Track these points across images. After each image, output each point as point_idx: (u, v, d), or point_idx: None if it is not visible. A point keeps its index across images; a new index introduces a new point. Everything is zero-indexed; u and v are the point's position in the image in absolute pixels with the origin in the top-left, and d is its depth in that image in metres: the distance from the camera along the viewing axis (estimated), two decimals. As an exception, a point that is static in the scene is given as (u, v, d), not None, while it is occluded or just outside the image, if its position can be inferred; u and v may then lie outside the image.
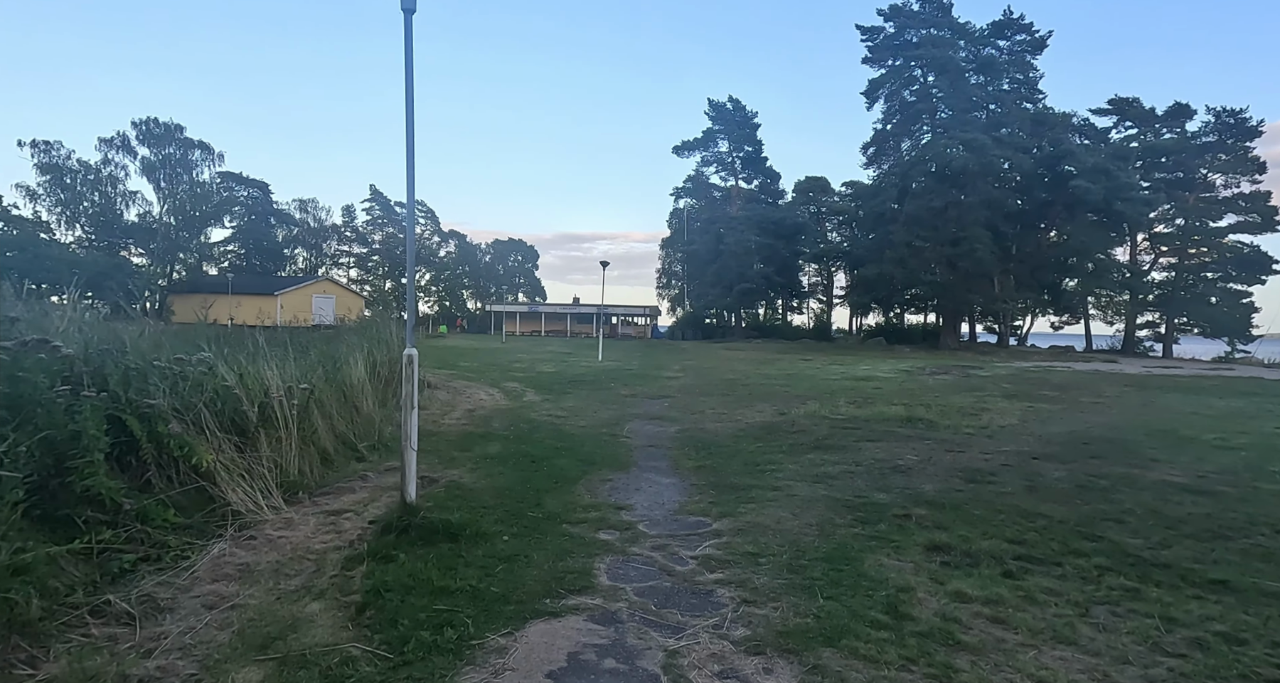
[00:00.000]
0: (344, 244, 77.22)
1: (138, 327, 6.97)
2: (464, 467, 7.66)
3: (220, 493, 5.28)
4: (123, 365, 5.22)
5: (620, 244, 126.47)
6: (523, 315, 68.18)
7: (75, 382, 4.44)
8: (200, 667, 3.17)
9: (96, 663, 3.08)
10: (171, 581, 4.08)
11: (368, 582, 4.21)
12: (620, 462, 8.30)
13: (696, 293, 60.61)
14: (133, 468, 4.85)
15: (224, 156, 61.40)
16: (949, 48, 43.59)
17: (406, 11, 4.85)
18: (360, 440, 8.25)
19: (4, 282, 5.72)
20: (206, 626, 3.58)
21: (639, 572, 4.65)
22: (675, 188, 64.85)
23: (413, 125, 5.09)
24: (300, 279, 60.80)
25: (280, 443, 6.39)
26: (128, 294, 38.60)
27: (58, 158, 53.36)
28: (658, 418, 12.23)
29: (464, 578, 4.30)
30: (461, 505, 5.87)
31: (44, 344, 4.23)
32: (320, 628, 3.64)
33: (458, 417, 11.61)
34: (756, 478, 7.41)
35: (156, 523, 4.50)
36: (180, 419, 5.36)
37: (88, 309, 7.69)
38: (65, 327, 5.55)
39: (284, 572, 4.42)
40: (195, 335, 8.02)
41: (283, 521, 5.41)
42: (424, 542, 4.89)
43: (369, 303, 63.50)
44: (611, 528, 5.59)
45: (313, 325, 29.61)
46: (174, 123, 58.16)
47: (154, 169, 57.45)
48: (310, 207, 73.71)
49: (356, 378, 9.79)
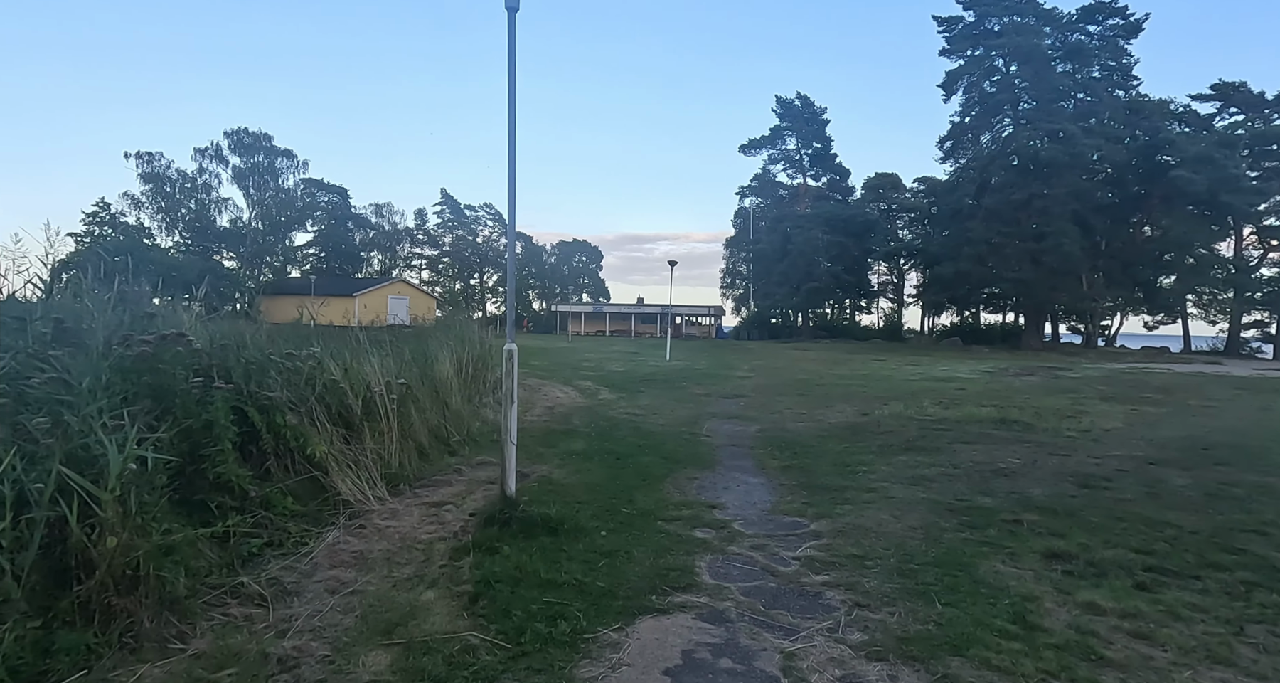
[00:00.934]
0: (416, 246, 79.66)
1: (254, 324, 7.31)
2: (551, 462, 7.75)
3: (331, 483, 5.47)
4: (243, 360, 5.48)
5: (682, 244, 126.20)
6: (587, 315, 68.85)
7: (206, 374, 4.67)
8: (331, 648, 3.28)
9: (238, 641, 3.22)
10: (295, 565, 4.24)
11: (477, 572, 4.28)
12: (704, 460, 8.24)
13: (762, 292, 59.87)
14: (254, 457, 5.07)
15: (308, 164, 64.41)
16: (1033, 35, 41.59)
17: (510, 10, 4.92)
18: (451, 435, 8.45)
19: (134, 283, 6.10)
20: (331, 609, 3.70)
21: (741, 571, 4.57)
22: (740, 187, 64.30)
23: (514, 125, 5.15)
24: (376, 281, 63.06)
25: (382, 436, 6.60)
26: (220, 296, 40.86)
27: (159, 168, 57.09)
28: (735, 417, 12.10)
29: (569, 572, 4.32)
30: (556, 500, 5.92)
31: (180, 338, 4.48)
32: (437, 616, 3.71)
33: (538, 413, 11.78)
34: (848, 479, 7.21)
35: (278, 510, 4.70)
36: (294, 411, 5.59)
37: (185, 309, 8.14)
38: (191, 323, 5.87)
39: (395, 560, 4.54)
40: (289, 334, 8.38)
41: (388, 511, 5.57)
42: (525, 535, 4.94)
43: (441, 303, 65.34)
44: (706, 526, 5.53)
45: (389, 325, 30.64)
46: (262, 132, 61.38)
47: (244, 177, 60.73)
48: (385, 210, 76.36)
49: (445, 374, 10.05)
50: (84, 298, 5.27)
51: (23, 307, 4.96)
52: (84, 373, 3.84)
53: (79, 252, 37.04)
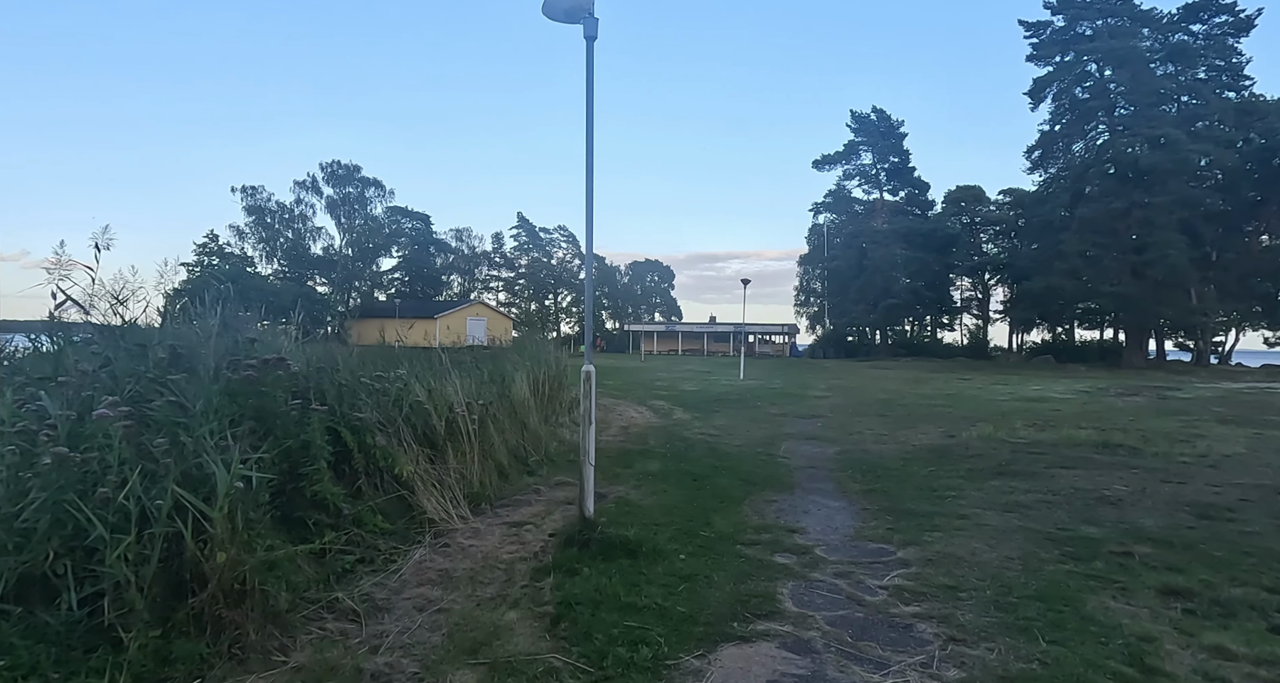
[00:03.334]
0: (493, 269, 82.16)
1: (345, 347, 7.67)
2: (628, 483, 7.75)
3: (417, 502, 5.64)
4: (337, 382, 5.74)
5: (753, 262, 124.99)
6: (660, 334, 69.09)
7: (303, 396, 4.92)
8: (421, 666, 3.35)
9: (334, 655, 3.34)
10: (385, 582, 4.38)
11: (557, 594, 4.30)
12: (782, 482, 8.06)
13: (838, 310, 58.62)
14: (347, 476, 5.29)
15: (394, 193, 67.96)
16: (1130, 37, 39.51)
17: (588, 39, 5.04)
18: (529, 455, 8.59)
19: (239, 309, 6.52)
20: (420, 627, 3.79)
21: (825, 599, 4.42)
22: (814, 203, 63.49)
23: (591, 153, 5.26)
24: (456, 303, 65.33)
25: (464, 456, 6.76)
26: (314, 320, 43.26)
27: (261, 200, 61.42)
28: (813, 438, 11.81)
29: (649, 595, 4.29)
30: (634, 522, 5.91)
31: (281, 362, 4.74)
32: (520, 637, 3.75)
33: (613, 434, 11.84)
34: (936, 504, 6.90)
35: (369, 528, 4.88)
36: (383, 432, 5.81)
37: (282, 333, 8.62)
38: (289, 347, 6.21)
39: (479, 579, 4.62)
40: (376, 356, 8.74)
41: (471, 530, 5.69)
42: (604, 557, 4.94)
43: (517, 324, 66.98)
44: (787, 551, 5.40)
45: (468, 346, 31.47)
46: (353, 164, 65.18)
47: (336, 206, 64.55)
48: (465, 235, 79.21)
49: (522, 395, 10.25)
50: (195, 325, 5.66)
51: (143, 333, 5.37)
52: (197, 396, 4.12)
53: (190, 280, 40.00)
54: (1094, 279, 39.79)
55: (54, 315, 4.81)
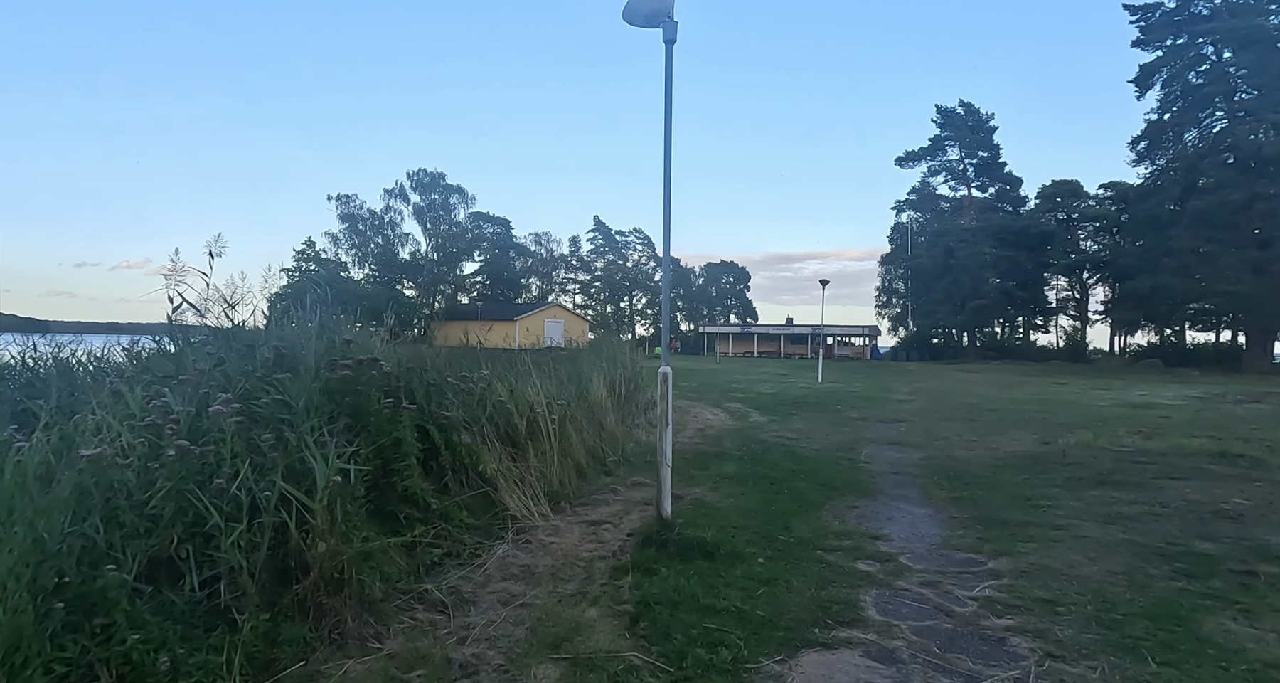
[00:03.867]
0: (570, 272, 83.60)
1: (430, 348, 7.98)
2: (705, 485, 7.73)
3: (500, 499, 5.81)
4: (425, 382, 5.99)
5: (832, 263, 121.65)
6: (735, 336, 68.51)
7: (394, 395, 5.16)
8: (506, 658, 3.45)
9: (425, 645, 3.49)
10: (470, 576, 4.54)
11: (636, 593, 4.34)
12: (864, 488, 7.86)
13: (922, 311, 56.59)
14: (434, 472, 5.51)
15: (476, 198, 70.29)
16: (1255, 15, 36.37)
17: (667, 42, 5.07)
18: (606, 455, 8.70)
19: (334, 312, 6.89)
20: (504, 620, 3.91)
21: (911, 609, 4.29)
22: (897, 201, 61.68)
23: (670, 153, 5.28)
24: (534, 305, 66.85)
25: (544, 455, 6.92)
26: (402, 322, 45.19)
27: (354, 208, 64.81)
28: (896, 443, 11.44)
29: (727, 598, 4.27)
30: (711, 524, 5.89)
31: (374, 363, 4.98)
32: (600, 634, 3.80)
33: (689, 435, 11.83)
34: (1030, 514, 6.56)
35: (455, 523, 5.06)
36: (468, 430, 6.02)
37: (373, 335, 9.04)
38: (380, 348, 6.52)
39: (559, 576, 4.72)
40: (460, 357, 9.03)
41: (551, 527, 5.82)
42: (682, 558, 4.95)
43: (593, 326, 67.89)
44: (870, 558, 5.26)
45: (546, 347, 32.08)
46: (438, 171, 67.88)
47: (422, 213, 67.35)
48: (543, 239, 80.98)
49: (599, 396, 10.39)
50: (295, 327, 6.02)
51: (251, 335, 5.75)
52: (299, 394, 4.38)
53: (290, 285, 42.48)
54: (1209, 277, 36.87)
55: (171, 318, 5.22)
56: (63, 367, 5.36)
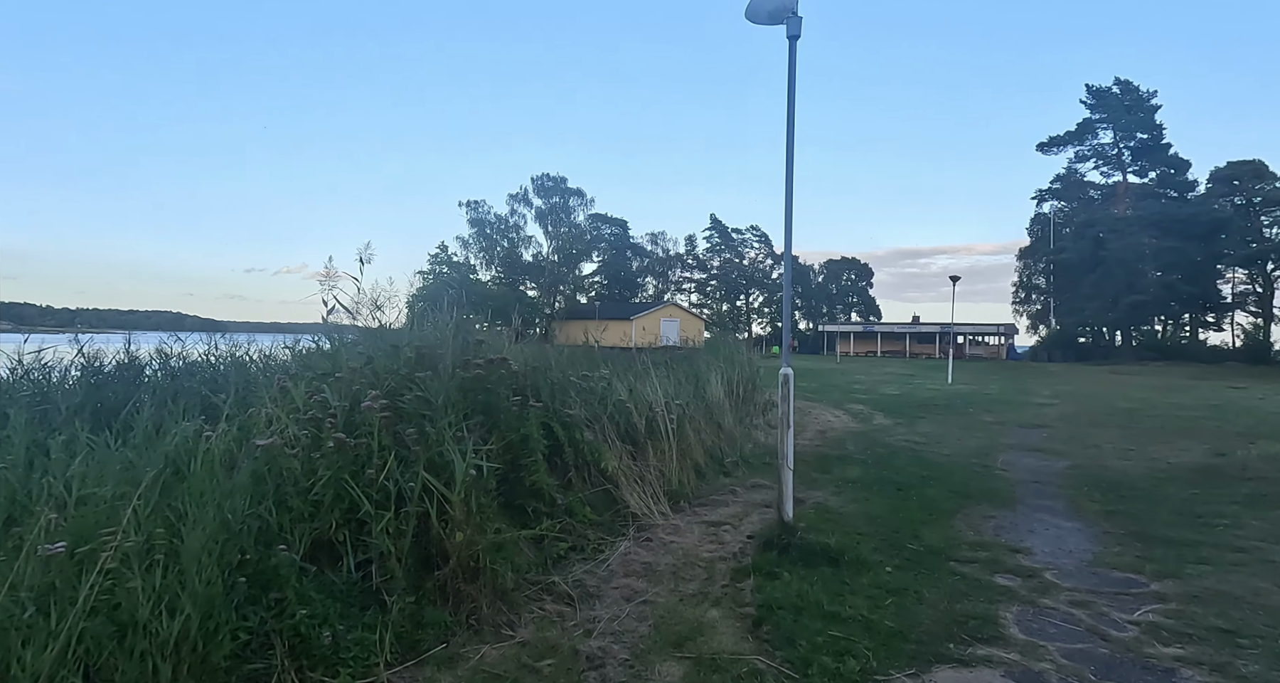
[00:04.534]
0: (686, 271, 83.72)
1: (552, 347, 8.28)
2: (826, 489, 7.52)
3: (621, 496, 5.93)
4: (549, 380, 6.21)
5: (962, 258, 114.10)
6: (856, 335, 66.10)
7: (522, 393, 5.39)
8: (631, 653, 3.53)
9: (553, 635, 3.63)
10: (594, 570, 4.67)
11: (758, 596, 4.29)
12: (1001, 497, 7.36)
13: (1066, 308, 52.19)
14: (558, 468, 5.70)
15: (594, 201, 72.05)
16: None
17: (791, 38, 4.97)
18: (725, 455, 8.66)
19: (465, 313, 7.30)
20: (628, 616, 3.99)
21: (1060, 630, 3.97)
22: (1038, 190, 57.10)
23: (792, 149, 5.18)
24: (650, 305, 67.54)
25: (663, 454, 6.99)
26: (525, 322, 47.09)
27: (482, 213, 68.31)
28: (1038, 450, 10.63)
29: (853, 606, 4.14)
30: (835, 529, 5.72)
31: (504, 362, 5.23)
32: (723, 635, 3.80)
33: (809, 437, 11.55)
34: (1202, 533, 5.90)
35: (579, 518, 5.22)
36: (590, 428, 6.18)
37: (499, 335, 9.46)
38: (508, 348, 6.83)
39: (681, 575, 4.75)
40: (580, 356, 9.27)
41: (671, 526, 5.87)
42: (804, 563, 4.85)
43: (709, 325, 67.73)
44: (1009, 573, 4.92)
45: (662, 347, 32.30)
46: (559, 175, 70.17)
47: (544, 216, 69.90)
48: (659, 238, 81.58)
49: (716, 396, 10.35)
50: (433, 327, 6.42)
51: (395, 335, 6.19)
52: (438, 392, 4.67)
53: (425, 287, 45.37)
54: None
55: (326, 319, 5.71)
56: (238, 364, 6.03)
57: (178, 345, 6.27)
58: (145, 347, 6.15)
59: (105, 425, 3.85)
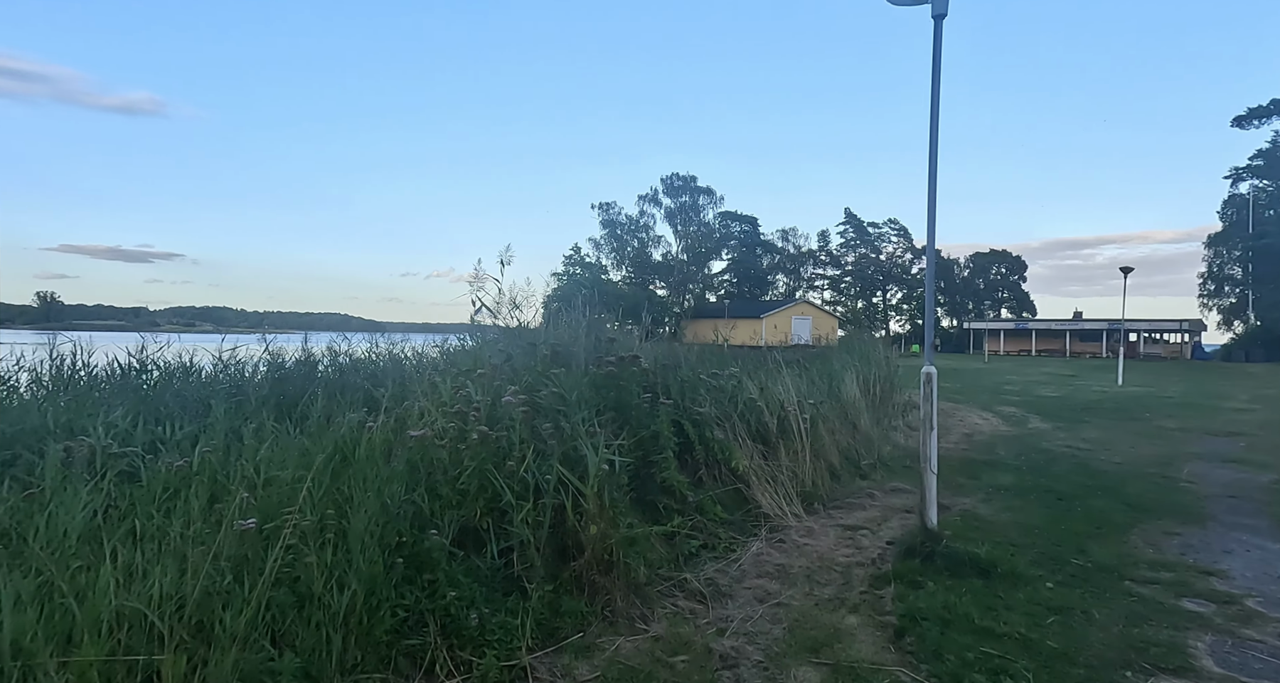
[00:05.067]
0: (819, 267, 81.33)
1: (681, 346, 8.32)
2: (975, 496, 7.02)
3: (752, 496, 5.84)
4: (679, 378, 6.23)
5: (1134, 247, 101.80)
6: (1007, 333, 61.31)
7: (652, 390, 5.45)
8: (764, 655, 3.46)
9: (686, 632, 3.64)
10: (726, 569, 4.62)
11: (900, 605, 4.07)
12: (1187, 512, 6.53)
13: (1268, 301, 45.51)
14: (688, 466, 5.70)
15: (724, 198, 71.75)
16: None
17: (937, 18, 4.67)
18: (861, 457, 8.31)
19: (597, 312, 7.48)
20: (761, 617, 3.92)
21: (1268, 666, 3.47)
22: (1233, 169, 50.27)
23: (936, 135, 4.87)
24: (781, 303, 66.23)
25: (795, 454, 6.81)
26: (654, 321, 47.74)
27: (613, 215, 69.99)
28: (1234, 461, 9.34)
29: (1009, 623, 3.83)
30: (985, 539, 5.33)
31: (634, 360, 5.32)
32: (862, 644, 3.63)
33: (954, 441, 10.83)
34: None
35: (710, 516, 5.19)
36: (719, 426, 6.14)
37: (630, 334, 9.61)
38: (638, 346, 6.93)
39: (815, 579, 4.60)
40: (709, 354, 9.22)
41: (804, 528, 5.71)
42: (951, 573, 4.55)
43: (842, 323, 65.38)
44: (1200, 597, 4.35)
45: (793, 345, 31.58)
46: (688, 175, 70.54)
47: (674, 216, 70.56)
48: (790, 235, 79.87)
49: (851, 395, 9.96)
50: (567, 326, 6.65)
51: (531, 333, 6.47)
52: (572, 388, 4.83)
53: (559, 287, 47.19)
54: None
55: (473, 319, 6.07)
56: (395, 361, 6.55)
57: (344, 344, 6.93)
58: (318, 345, 6.84)
59: (286, 415, 4.32)
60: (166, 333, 6.62)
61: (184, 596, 2.48)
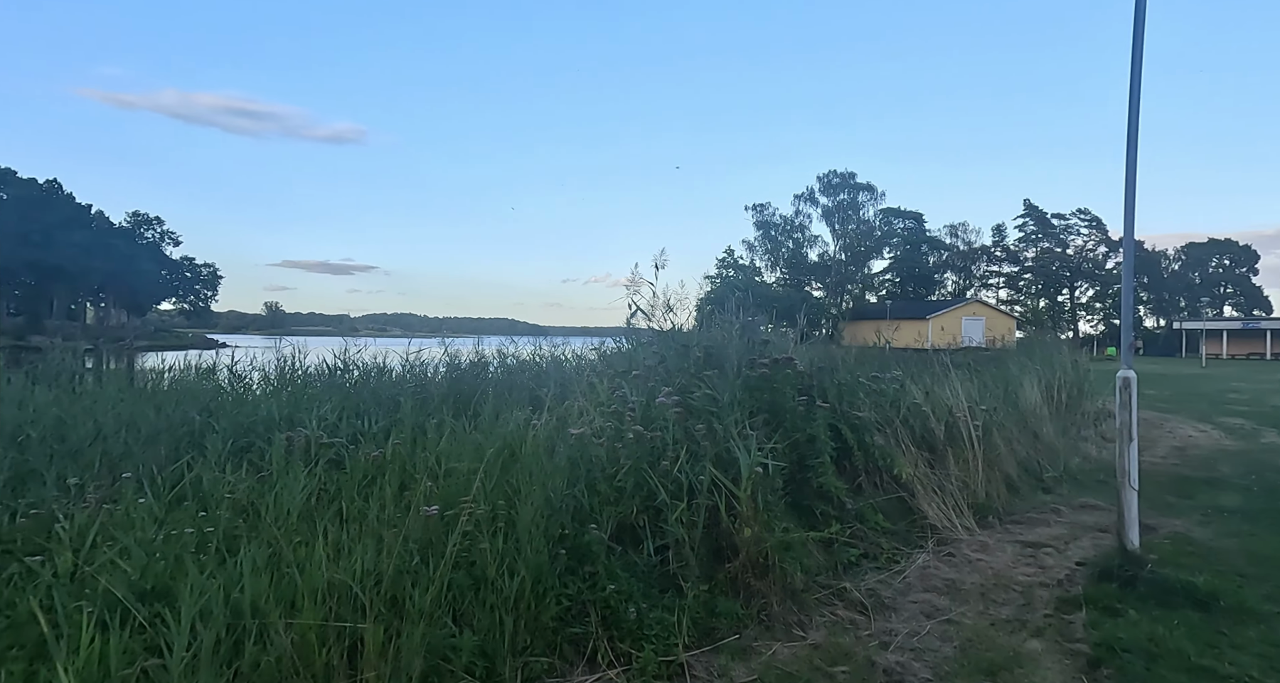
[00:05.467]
0: (993, 264, 75.14)
1: (839, 348, 8.04)
2: (1189, 517, 6.16)
3: (917, 505, 5.51)
4: (836, 381, 6.02)
5: None
6: (1231, 333, 53.21)
7: (807, 393, 5.31)
8: (933, 674, 3.25)
9: (846, 642, 3.50)
10: (888, 581, 4.40)
11: (1094, 633, 3.67)
12: None
13: None
14: (847, 472, 5.49)
15: (885, 195, 68.51)
16: None
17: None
18: (1044, 469, 7.57)
19: (750, 314, 7.41)
20: (929, 633, 3.68)
21: None
22: None
23: (1136, 114, 4.34)
24: (949, 302, 61.95)
25: (966, 463, 6.34)
26: (810, 323, 46.43)
27: (767, 216, 69.03)
28: None
29: (1236, 663, 3.33)
30: (1203, 566, 4.65)
31: (789, 362, 5.21)
32: (1047, 671, 3.32)
33: (1162, 455, 9.55)
34: None
35: (870, 525, 4.96)
36: (880, 431, 5.86)
37: (784, 336, 9.39)
38: (793, 348, 6.78)
39: (991, 597, 4.25)
40: (870, 357, 8.80)
41: (977, 543, 5.29)
42: (1158, 602, 4.02)
43: (1021, 323, 59.82)
44: None
45: (963, 347, 29.40)
46: (847, 171, 68.12)
47: (831, 214, 68.36)
48: (960, 230, 74.56)
49: (1031, 402, 9.10)
50: (720, 328, 6.64)
51: (684, 336, 6.53)
52: (724, 390, 4.82)
53: (713, 290, 47.27)
54: None
55: (629, 323, 6.24)
56: (556, 363, 6.92)
57: (511, 347, 7.46)
58: (488, 348, 7.42)
59: (462, 411, 4.70)
60: (363, 337, 7.48)
61: (381, 572, 2.77)
